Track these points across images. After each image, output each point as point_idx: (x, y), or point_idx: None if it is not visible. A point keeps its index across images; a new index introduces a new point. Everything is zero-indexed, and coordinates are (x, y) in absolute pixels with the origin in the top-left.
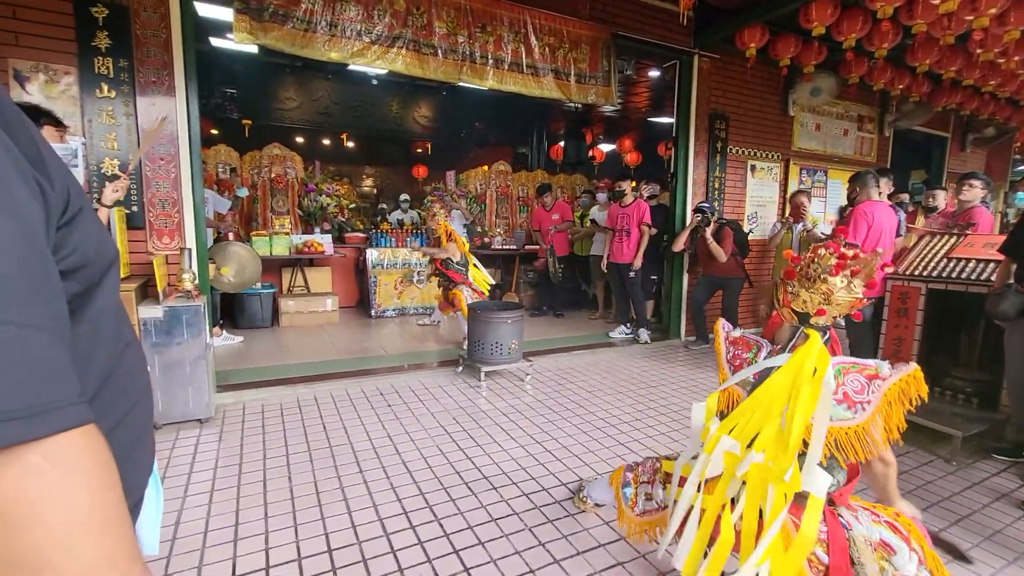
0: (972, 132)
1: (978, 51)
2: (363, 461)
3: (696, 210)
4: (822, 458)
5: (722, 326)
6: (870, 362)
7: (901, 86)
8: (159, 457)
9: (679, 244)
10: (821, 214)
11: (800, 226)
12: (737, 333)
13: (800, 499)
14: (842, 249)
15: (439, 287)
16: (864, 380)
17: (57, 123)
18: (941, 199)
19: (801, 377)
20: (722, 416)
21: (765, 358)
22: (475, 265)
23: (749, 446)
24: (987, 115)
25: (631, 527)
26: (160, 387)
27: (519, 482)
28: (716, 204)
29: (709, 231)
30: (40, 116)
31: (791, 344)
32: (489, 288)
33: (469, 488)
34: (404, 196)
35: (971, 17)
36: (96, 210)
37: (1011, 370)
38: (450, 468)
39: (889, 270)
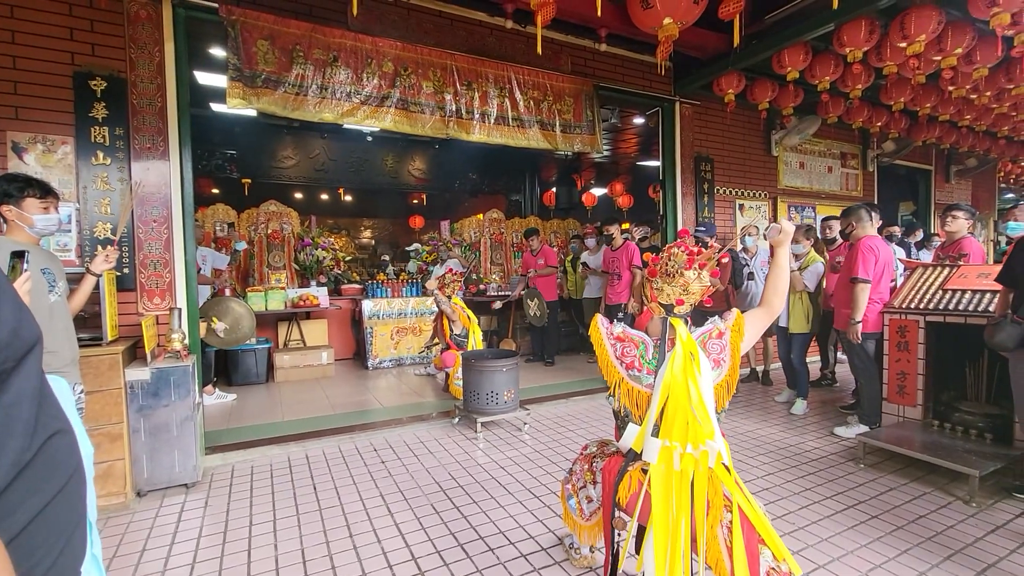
0: (954, 164)
1: (950, 88)
2: (353, 524)
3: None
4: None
5: (601, 323)
6: (710, 324)
7: (879, 123)
8: (140, 528)
9: None
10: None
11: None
12: (618, 330)
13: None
14: (689, 247)
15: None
16: (719, 341)
17: (45, 193)
18: (835, 228)
19: (688, 367)
20: (627, 412)
21: (652, 354)
22: (475, 325)
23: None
24: (967, 147)
25: (584, 535)
26: (145, 452)
27: (516, 542)
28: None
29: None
30: (27, 188)
31: (667, 336)
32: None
33: (464, 551)
34: (416, 245)
35: (939, 57)
36: (83, 276)
37: (1021, 403)
38: (445, 529)
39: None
